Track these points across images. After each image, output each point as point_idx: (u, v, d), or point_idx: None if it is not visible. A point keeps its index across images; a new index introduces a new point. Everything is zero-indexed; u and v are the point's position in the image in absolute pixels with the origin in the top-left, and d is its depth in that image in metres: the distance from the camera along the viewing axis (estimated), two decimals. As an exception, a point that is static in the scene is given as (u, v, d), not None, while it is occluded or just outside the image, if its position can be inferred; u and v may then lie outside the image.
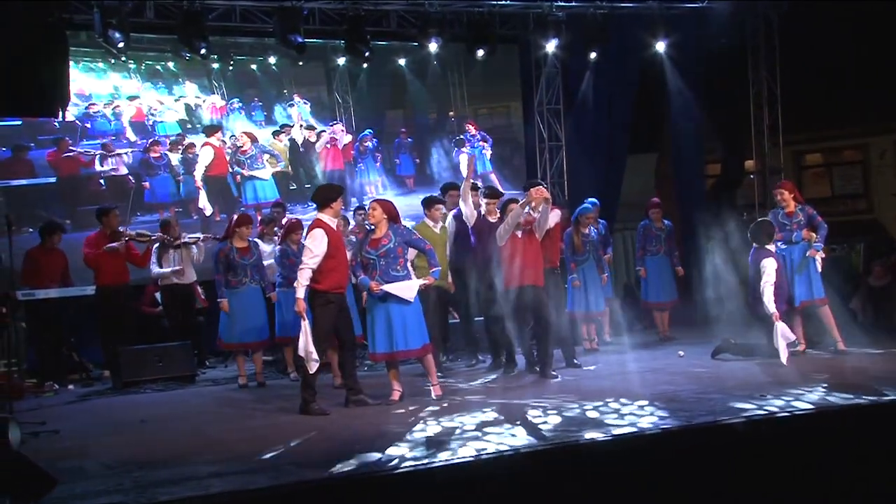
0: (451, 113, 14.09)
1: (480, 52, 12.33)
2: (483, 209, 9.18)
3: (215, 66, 12.57)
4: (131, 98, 12.09)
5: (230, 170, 12.44)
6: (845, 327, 9.21)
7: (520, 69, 13.93)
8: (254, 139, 12.59)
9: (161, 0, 11.06)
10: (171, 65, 12.43)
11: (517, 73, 13.98)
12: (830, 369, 8.12)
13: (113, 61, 11.66)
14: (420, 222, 8.88)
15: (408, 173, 13.75)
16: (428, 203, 8.91)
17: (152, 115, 12.28)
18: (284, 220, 10.20)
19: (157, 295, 10.84)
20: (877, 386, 7.07)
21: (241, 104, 12.84)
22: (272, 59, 12.86)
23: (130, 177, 11.85)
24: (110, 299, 9.77)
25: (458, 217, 9.35)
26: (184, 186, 12.16)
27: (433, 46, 12.00)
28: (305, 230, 8.00)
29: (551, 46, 12.73)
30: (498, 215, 8.85)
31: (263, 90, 13.11)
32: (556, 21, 12.45)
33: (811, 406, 6.51)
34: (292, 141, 13.02)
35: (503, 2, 12.33)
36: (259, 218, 11.29)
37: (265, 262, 9.58)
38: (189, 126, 12.48)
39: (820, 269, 9.12)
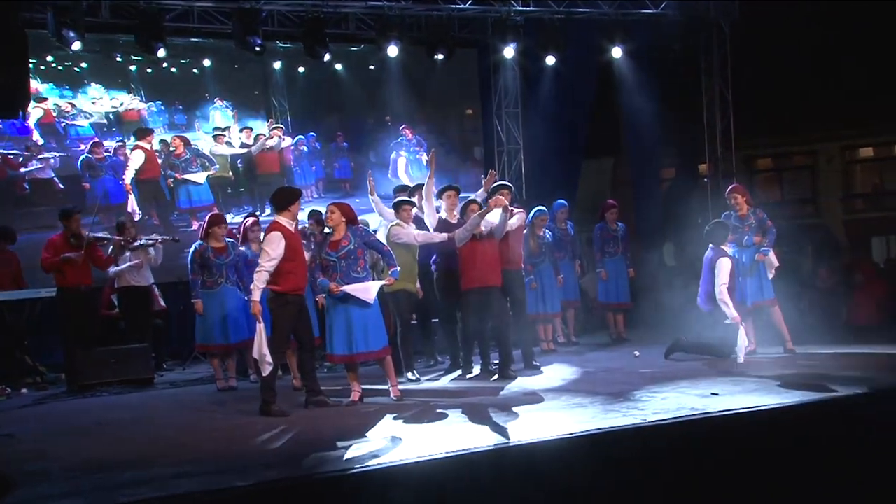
0: (388, 118, 14.07)
1: (439, 56, 12.40)
2: (443, 210, 9.24)
3: (133, 67, 12.37)
4: (39, 100, 11.71)
5: (163, 173, 12.30)
6: (794, 328, 9.46)
7: (478, 73, 14.05)
8: (187, 143, 12.46)
9: (117, 0, 10.96)
10: (76, 68, 12.09)
11: (476, 77, 14.10)
12: (780, 368, 8.35)
13: None
14: (393, 224, 8.93)
15: (345, 177, 13.74)
16: (397, 206, 8.97)
17: (63, 117, 12.01)
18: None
19: (114, 298, 10.75)
20: (824, 384, 7.29)
21: (162, 107, 12.69)
22: (207, 62, 12.75)
23: (56, 179, 11.65)
24: (72, 301, 9.54)
25: (418, 219, 9.41)
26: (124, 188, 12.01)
27: (392, 50, 12.04)
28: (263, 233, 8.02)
29: (510, 51, 12.85)
30: (457, 217, 8.95)
31: (184, 94, 12.92)
32: (515, 25, 12.58)
33: (762, 403, 6.66)
34: (229, 144, 12.95)
35: (462, 6, 12.42)
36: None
37: None
38: (105, 129, 12.25)
39: (771, 274, 9.37)
